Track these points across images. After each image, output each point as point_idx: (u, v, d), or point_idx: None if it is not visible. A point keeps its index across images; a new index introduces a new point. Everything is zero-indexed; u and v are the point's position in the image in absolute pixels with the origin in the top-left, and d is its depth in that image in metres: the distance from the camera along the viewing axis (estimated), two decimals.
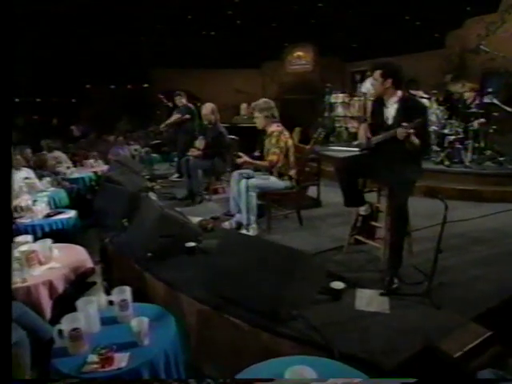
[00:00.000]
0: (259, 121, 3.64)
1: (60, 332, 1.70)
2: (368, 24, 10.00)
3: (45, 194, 4.42)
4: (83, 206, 4.45)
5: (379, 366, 1.82)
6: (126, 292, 1.93)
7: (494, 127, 4.87)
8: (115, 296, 1.92)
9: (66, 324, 1.68)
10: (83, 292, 2.89)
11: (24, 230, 3.46)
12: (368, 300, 2.38)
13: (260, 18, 10.37)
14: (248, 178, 3.07)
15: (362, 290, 2.48)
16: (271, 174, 3.53)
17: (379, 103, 2.75)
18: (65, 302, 2.63)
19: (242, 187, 3.25)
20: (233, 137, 4.77)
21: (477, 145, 5.02)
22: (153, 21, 9.90)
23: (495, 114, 4.82)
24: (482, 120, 4.90)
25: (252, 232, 3.30)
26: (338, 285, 2.37)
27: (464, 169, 4.79)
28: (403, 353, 1.90)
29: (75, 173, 5.74)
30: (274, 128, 3.59)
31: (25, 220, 3.56)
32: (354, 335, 2.04)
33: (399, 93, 2.61)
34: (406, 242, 2.73)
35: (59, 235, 3.54)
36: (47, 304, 2.42)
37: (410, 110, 2.56)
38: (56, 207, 4.26)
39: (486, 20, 7.05)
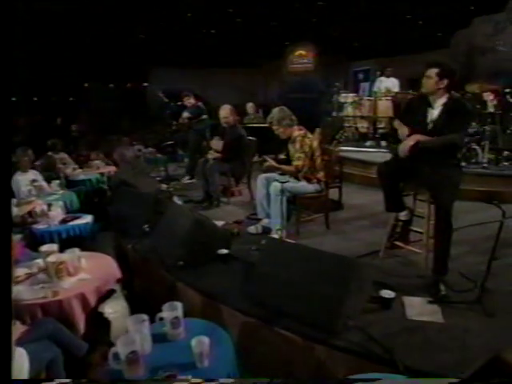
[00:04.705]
0: (281, 132, 3.51)
1: (116, 355, 1.56)
2: (369, 23, 9.96)
3: (56, 197, 4.23)
4: (93, 209, 4.28)
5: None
6: (178, 309, 1.79)
7: None
8: (167, 313, 1.78)
9: (122, 347, 1.54)
10: (104, 300, 2.76)
11: (40, 236, 3.31)
12: (418, 308, 2.29)
13: (260, 17, 10.26)
14: (282, 182, 2.96)
15: (410, 297, 2.39)
16: (296, 178, 3.42)
17: (422, 102, 2.64)
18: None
19: (274, 191, 3.13)
20: (251, 138, 4.64)
21: (492, 145, 4.98)
22: (152, 18, 9.70)
23: None
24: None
25: (282, 237, 3.19)
26: (388, 293, 2.27)
27: (483, 170, 4.74)
28: (471, 365, 1.82)
29: (81, 174, 5.55)
30: (297, 132, 3.49)
31: (41, 226, 3.38)
32: (414, 347, 1.95)
33: (447, 95, 2.52)
34: None
35: (75, 241, 3.39)
36: (80, 318, 2.27)
37: (456, 115, 2.47)
38: (67, 212, 4.08)
39: (493, 19, 7.02)
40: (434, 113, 2.55)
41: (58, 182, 4.62)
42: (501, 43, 5.65)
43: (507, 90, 4.86)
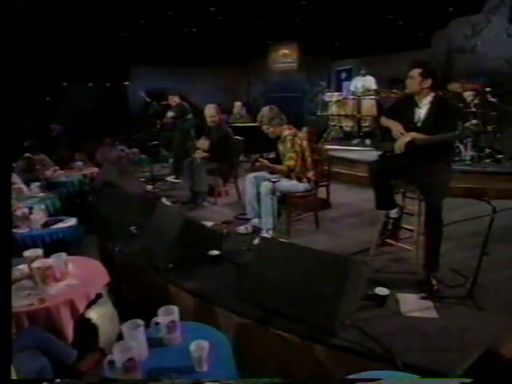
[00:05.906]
0: (271, 131, 3.46)
1: (111, 363, 1.50)
2: (351, 22, 10.04)
3: (37, 200, 4.08)
4: (75, 212, 4.14)
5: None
6: (175, 313, 1.74)
7: (493, 126, 4.96)
8: (162, 317, 1.72)
9: (118, 354, 1.48)
10: (90, 305, 2.67)
11: (22, 241, 3.17)
12: (412, 305, 2.31)
13: (243, 16, 10.20)
14: (274, 181, 2.92)
15: (403, 294, 2.41)
16: (287, 177, 3.40)
17: (408, 102, 2.67)
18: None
19: (264, 190, 3.10)
20: (238, 137, 4.59)
21: (474, 143, 5.10)
22: (133, 16, 9.50)
23: (494, 113, 4.91)
24: (474, 121, 4.97)
25: (275, 236, 3.17)
26: (383, 291, 2.28)
27: (466, 167, 4.84)
28: (469, 360, 1.83)
29: (62, 176, 5.38)
30: (287, 132, 3.44)
31: (22, 230, 3.25)
32: (411, 344, 1.95)
33: (433, 93, 2.55)
34: None
35: (59, 245, 3.27)
36: (68, 325, 2.18)
37: (443, 113, 2.50)
38: (50, 215, 3.94)
39: (471, 21, 7.20)
40: (422, 112, 2.57)
41: (37, 184, 4.45)
42: (480, 44, 5.78)
43: (487, 89, 4.98)
